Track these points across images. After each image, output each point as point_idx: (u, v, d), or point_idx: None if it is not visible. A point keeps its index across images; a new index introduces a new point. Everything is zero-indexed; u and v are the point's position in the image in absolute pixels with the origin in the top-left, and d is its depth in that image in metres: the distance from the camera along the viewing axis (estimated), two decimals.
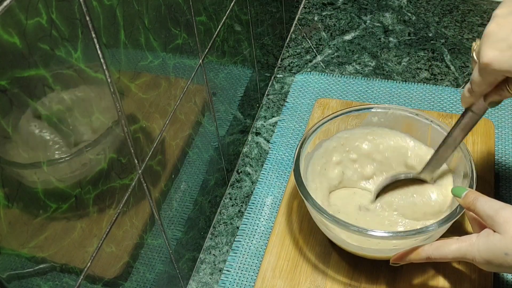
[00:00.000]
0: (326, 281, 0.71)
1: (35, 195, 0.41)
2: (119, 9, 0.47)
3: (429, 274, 0.70)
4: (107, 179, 0.50)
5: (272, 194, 0.82)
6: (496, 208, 0.58)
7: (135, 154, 0.54)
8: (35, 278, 0.43)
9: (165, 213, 0.64)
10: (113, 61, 0.47)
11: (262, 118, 0.94)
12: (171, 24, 0.57)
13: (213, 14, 0.68)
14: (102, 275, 0.52)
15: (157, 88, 0.57)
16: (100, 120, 0.48)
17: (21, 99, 0.37)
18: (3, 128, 0.36)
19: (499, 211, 0.57)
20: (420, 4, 1.12)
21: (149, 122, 0.56)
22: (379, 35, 1.06)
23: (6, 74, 0.36)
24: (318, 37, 1.07)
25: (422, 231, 0.63)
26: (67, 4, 0.40)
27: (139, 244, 0.58)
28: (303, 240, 0.75)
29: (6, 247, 0.39)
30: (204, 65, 0.68)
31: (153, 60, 0.55)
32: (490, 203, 0.59)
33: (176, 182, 0.65)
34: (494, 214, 0.57)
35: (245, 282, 0.73)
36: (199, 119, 0.70)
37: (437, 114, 0.88)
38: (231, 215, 0.81)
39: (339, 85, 0.97)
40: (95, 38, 0.44)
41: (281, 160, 0.86)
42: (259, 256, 0.75)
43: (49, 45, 0.39)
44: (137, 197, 0.56)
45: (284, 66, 1.02)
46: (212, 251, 0.77)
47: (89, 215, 0.48)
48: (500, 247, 0.56)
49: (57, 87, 0.41)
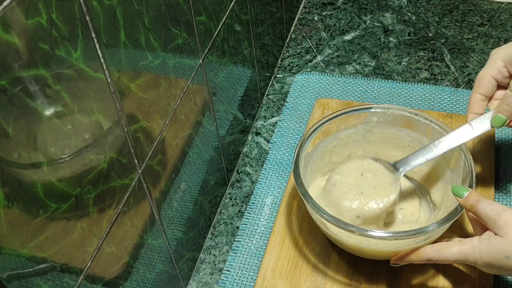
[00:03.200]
0: (326, 281, 0.71)
1: (35, 195, 0.41)
2: (119, 9, 0.47)
3: (429, 274, 0.70)
4: (107, 179, 0.50)
5: (272, 194, 0.82)
6: (498, 211, 0.58)
7: (135, 154, 0.54)
8: (35, 278, 0.43)
9: (165, 213, 0.64)
10: (113, 61, 0.47)
11: (262, 118, 0.94)
12: (171, 24, 0.57)
13: (213, 14, 0.68)
14: (102, 275, 0.52)
15: (157, 88, 0.57)
16: (100, 120, 0.48)
17: (21, 99, 0.37)
18: (3, 128, 0.36)
19: (501, 214, 0.57)
20: (420, 4, 1.12)
21: (149, 122, 0.56)
22: (379, 35, 1.06)
23: (6, 74, 0.36)
24: (318, 37, 1.07)
25: (422, 231, 0.63)
26: (67, 4, 0.40)
27: (139, 244, 0.58)
28: (303, 240, 0.75)
29: (6, 247, 0.39)
30: (204, 65, 0.68)
31: (153, 60, 0.55)
32: (491, 205, 0.59)
33: (176, 182, 0.65)
34: (496, 217, 0.57)
35: (245, 282, 0.73)
36: (199, 119, 0.70)
37: (437, 114, 0.88)
38: (231, 215, 0.81)
39: (339, 85, 0.97)
40: (95, 38, 0.44)
41: (281, 160, 0.86)
42: (259, 256, 0.75)
43: (49, 45, 0.39)
44: (137, 197, 0.56)
45: (284, 66, 1.02)
46: (212, 251, 0.77)
47: (89, 215, 0.48)
48: (502, 250, 0.56)
49: (57, 87, 0.41)
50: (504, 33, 1.03)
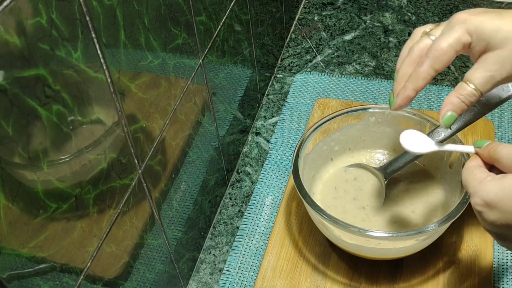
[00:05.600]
0: (326, 281, 0.71)
1: (35, 195, 0.41)
2: (119, 9, 0.47)
3: (429, 274, 0.70)
4: (107, 179, 0.50)
5: (272, 194, 0.82)
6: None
7: (135, 154, 0.54)
8: (35, 278, 0.43)
9: (165, 213, 0.64)
10: (113, 61, 0.47)
11: (262, 118, 0.94)
12: (171, 24, 0.57)
13: (213, 14, 0.68)
14: (102, 275, 0.52)
15: (157, 88, 0.57)
16: (100, 120, 0.48)
17: (21, 99, 0.37)
18: (3, 128, 0.36)
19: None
20: (420, 4, 1.12)
21: (149, 122, 0.56)
22: (379, 35, 1.06)
23: (6, 74, 0.36)
24: (318, 37, 1.07)
25: (422, 231, 0.63)
26: (67, 4, 0.40)
27: (139, 244, 0.59)
28: (303, 240, 0.75)
29: (6, 247, 0.39)
30: (204, 65, 0.68)
31: (153, 60, 0.55)
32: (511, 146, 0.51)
33: (176, 182, 0.65)
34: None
35: (245, 282, 0.73)
36: (199, 119, 0.70)
37: (437, 114, 0.88)
38: (231, 215, 0.81)
39: (339, 85, 0.97)
40: (95, 38, 0.44)
41: (281, 160, 0.86)
42: (259, 256, 0.75)
43: (49, 45, 0.39)
44: (137, 197, 0.56)
45: (284, 66, 1.02)
46: (212, 251, 0.77)
47: (89, 215, 0.48)
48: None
49: (57, 87, 0.41)
50: None
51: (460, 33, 0.52)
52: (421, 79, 0.54)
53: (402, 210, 0.74)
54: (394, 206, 0.73)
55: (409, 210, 0.73)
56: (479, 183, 0.50)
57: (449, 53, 0.53)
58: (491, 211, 0.48)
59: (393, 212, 0.73)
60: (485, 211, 0.49)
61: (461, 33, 0.52)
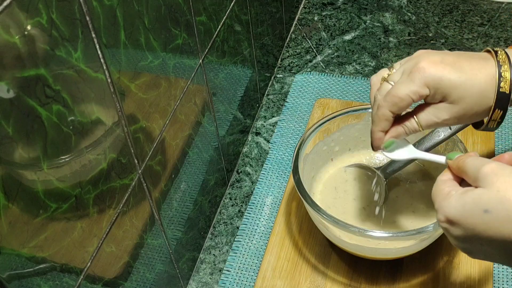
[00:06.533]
0: (326, 281, 0.71)
1: (35, 195, 0.41)
2: (119, 9, 0.47)
3: (429, 275, 0.70)
4: (107, 179, 0.50)
5: (272, 194, 0.82)
6: (487, 161, 0.49)
7: (135, 154, 0.54)
8: (35, 278, 0.43)
9: (165, 213, 0.64)
10: (113, 61, 0.47)
11: (262, 118, 0.94)
12: (171, 24, 0.57)
13: (213, 14, 0.68)
14: (102, 275, 0.52)
15: (157, 88, 0.57)
16: (100, 120, 0.48)
17: (21, 99, 0.37)
18: (3, 128, 0.36)
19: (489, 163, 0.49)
20: (420, 4, 1.12)
21: (149, 122, 0.56)
22: (379, 35, 1.06)
23: (6, 74, 0.36)
24: (318, 37, 1.07)
25: (422, 230, 0.63)
26: (67, 4, 0.40)
27: (139, 244, 0.59)
28: (303, 240, 0.75)
29: (6, 247, 0.39)
30: (204, 65, 0.68)
31: (153, 60, 0.55)
32: (481, 158, 0.51)
33: (176, 182, 0.65)
34: (481, 165, 0.49)
35: (245, 282, 0.73)
36: (199, 119, 0.70)
37: None
38: (231, 215, 0.81)
39: (339, 85, 0.97)
40: (95, 38, 0.44)
41: (281, 160, 0.86)
42: (259, 256, 0.75)
43: (49, 45, 0.39)
44: (137, 197, 0.56)
45: (284, 66, 1.02)
46: (212, 251, 0.77)
47: (89, 215, 0.48)
48: (480, 202, 0.46)
49: (57, 87, 0.41)
50: (504, 33, 1.03)
51: (419, 86, 0.55)
52: (383, 121, 0.58)
53: (402, 210, 0.74)
54: (394, 206, 0.73)
55: (409, 210, 0.73)
56: (443, 199, 0.50)
57: (407, 101, 0.56)
58: (454, 227, 0.48)
59: (393, 212, 0.73)
60: (448, 228, 0.49)
61: (419, 86, 0.55)
